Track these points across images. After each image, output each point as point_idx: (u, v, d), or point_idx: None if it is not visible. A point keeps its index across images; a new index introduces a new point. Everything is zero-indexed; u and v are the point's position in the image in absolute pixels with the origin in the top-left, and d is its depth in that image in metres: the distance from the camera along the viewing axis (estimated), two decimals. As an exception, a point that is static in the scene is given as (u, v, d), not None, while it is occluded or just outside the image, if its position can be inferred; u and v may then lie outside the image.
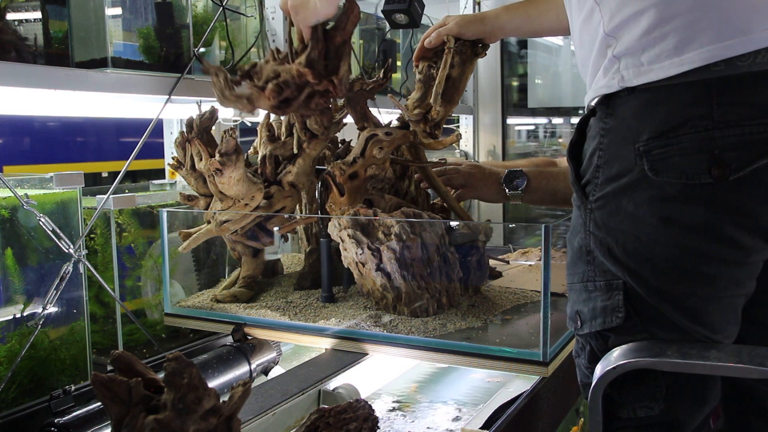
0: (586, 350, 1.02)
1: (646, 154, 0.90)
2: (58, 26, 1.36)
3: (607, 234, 0.96)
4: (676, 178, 0.89)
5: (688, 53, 0.88)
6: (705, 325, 0.93)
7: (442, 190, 1.64)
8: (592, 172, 0.97)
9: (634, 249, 0.93)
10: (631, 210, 0.93)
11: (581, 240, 1.00)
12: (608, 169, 0.95)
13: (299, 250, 1.90)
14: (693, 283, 0.92)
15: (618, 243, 0.94)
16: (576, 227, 1.02)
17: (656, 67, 0.90)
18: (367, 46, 2.41)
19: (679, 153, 0.88)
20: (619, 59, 0.94)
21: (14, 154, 5.08)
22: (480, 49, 1.58)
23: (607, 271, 0.97)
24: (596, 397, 0.95)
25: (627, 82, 0.92)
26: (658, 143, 0.89)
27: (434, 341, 1.30)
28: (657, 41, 0.90)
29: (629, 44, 0.93)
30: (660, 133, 0.89)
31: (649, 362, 0.91)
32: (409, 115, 1.57)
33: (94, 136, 5.59)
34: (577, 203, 1.02)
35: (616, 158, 0.94)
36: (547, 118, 3.36)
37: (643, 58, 0.91)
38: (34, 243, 1.29)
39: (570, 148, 1.04)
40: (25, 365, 1.26)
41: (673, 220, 0.90)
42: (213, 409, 0.72)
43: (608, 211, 0.95)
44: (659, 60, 0.90)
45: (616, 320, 0.95)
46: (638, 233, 0.93)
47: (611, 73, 0.95)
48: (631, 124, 0.92)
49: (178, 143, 1.49)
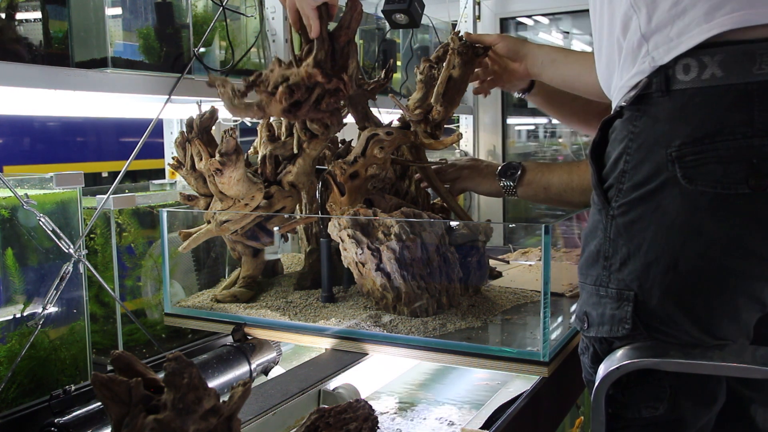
0: (590, 351, 1.02)
1: (679, 160, 0.86)
2: (58, 26, 1.36)
3: (629, 241, 0.93)
4: (710, 187, 0.85)
5: (718, 18, 0.84)
6: (716, 338, 0.92)
7: (442, 191, 1.64)
8: (617, 177, 0.94)
9: (655, 257, 0.90)
10: (658, 217, 0.89)
11: (599, 244, 0.97)
12: (635, 175, 0.91)
13: (299, 250, 1.90)
14: (712, 296, 0.90)
15: (640, 251, 0.92)
16: (594, 230, 0.99)
17: (685, 38, 0.86)
18: (367, 46, 2.41)
19: (714, 160, 0.85)
20: (648, 40, 0.90)
21: (14, 154, 5.08)
22: (481, 50, 1.58)
23: (621, 280, 0.94)
24: (599, 396, 0.95)
25: (658, 60, 0.88)
26: (692, 149, 0.85)
27: (434, 341, 1.30)
28: (686, 11, 0.86)
29: (658, 20, 0.88)
30: (695, 139, 0.85)
31: (653, 362, 0.91)
32: (410, 115, 1.57)
33: (94, 136, 5.59)
34: (597, 207, 0.98)
35: (645, 163, 0.90)
36: (547, 118, 3.36)
37: (672, 33, 0.87)
38: (34, 243, 1.28)
39: (593, 149, 1.00)
40: (25, 365, 1.26)
41: (703, 231, 0.87)
42: (213, 409, 0.72)
43: (632, 218, 0.92)
44: (688, 30, 0.86)
45: (623, 331, 0.94)
46: (663, 242, 0.90)
47: (640, 57, 0.91)
48: (663, 128, 0.88)
49: (179, 143, 1.49)
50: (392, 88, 2.43)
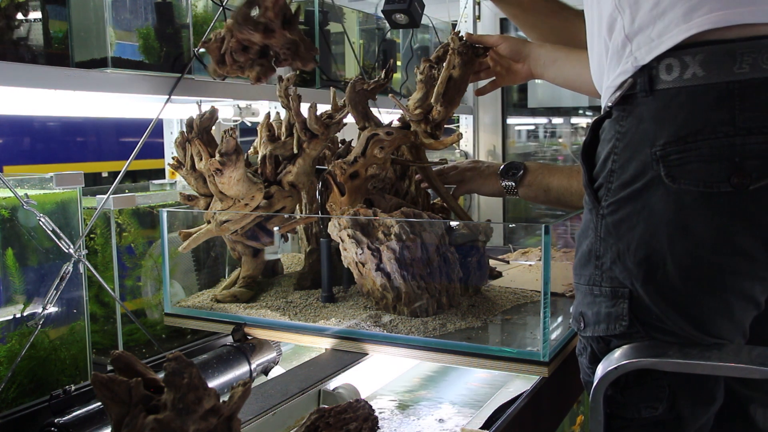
0: (588, 351, 1.02)
1: (663, 159, 0.87)
2: (58, 26, 1.36)
3: (618, 240, 0.94)
4: (693, 186, 0.86)
5: (696, 19, 0.85)
6: (712, 336, 0.92)
7: (442, 191, 1.64)
8: (606, 176, 0.95)
9: (645, 256, 0.91)
10: (645, 216, 0.90)
11: (590, 243, 0.98)
12: (622, 174, 0.92)
13: (299, 250, 1.90)
14: (704, 294, 0.90)
15: (629, 250, 0.92)
16: (586, 230, 1.00)
17: (666, 38, 0.87)
18: (367, 46, 2.41)
19: (697, 159, 0.85)
20: (631, 40, 0.91)
21: (14, 154, 5.08)
22: (481, 50, 1.58)
23: (614, 278, 0.95)
24: (597, 396, 0.95)
25: (640, 60, 0.89)
26: (675, 148, 0.86)
27: (434, 341, 1.30)
28: (666, 12, 0.87)
29: (640, 21, 0.90)
30: (678, 138, 0.86)
31: (651, 362, 0.91)
32: (410, 115, 1.57)
33: (94, 136, 5.59)
34: (588, 206, 1.00)
35: (631, 163, 0.91)
36: (547, 118, 3.36)
37: (653, 34, 0.88)
38: (34, 243, 1.28)
39: (583, 150, 1.01)
40: (25, 365, 1.26)
41: (688, 229, 0.88)
42: (213, 409, 0.72)
43: (620, 217, 0.93)
44: (668, 30, 0.87)
45: (620, 328, 0.94)
46: (651, 240, 0.90)
47: (624, 58, 0.92)
48: (648, 128, 0.90)
49: (179, 143, 1.49)
50: (392, 88, 2.43)
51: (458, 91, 1.58)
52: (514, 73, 1.57)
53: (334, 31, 2.12)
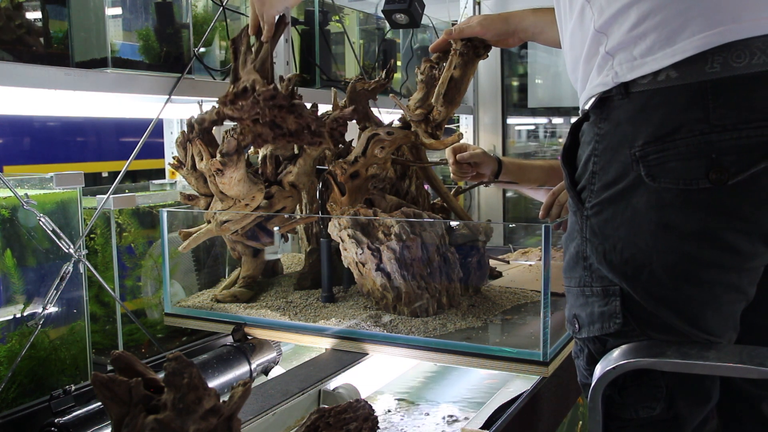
0: (585, 353, 1.02)
1: (642, 159, 0.89)
2: (58, 26, 1.36)
3: (604, 241, 0.95)
4: (673, 184, 0.88)
5: (680, 43, 0.86)
6: (703, 330, 0.93)
7: (442, 191, 1.65)
8: (588, 179, 0.96)
9: (631, 255, 0.92)
10: (628, 216, 0.92)
11: (577, 246, 0.99)
12: (604, 176, 0.94)
13: (299, 250, 1.90)
14: (691, 289, 0.91)
15: (615, 250, 0.94)
16: (572, 232, 1.02)
17: (649, 60, 0.88)
18: (367, 46, 2.41)
19: (675, 158, 0.87)
20: (613, 56, 0.92)
21: (14, 154, 5.08)
22: (482, 50, 1.58)
23: (603, 277, 0.96)
24: (596, 397, 0.95)
25: (621, 77, 0.91)
26: (654, 148, 0.88)
27: (434, 341, 1.30)
28: (647, 33, 0.89)
29: (620, 39, 0.91)
30: (656, 138, 0.88)
31: (649, 362, 0.91)
32: (410, 115, 1.57)
33: (94, 136, 5.59)
34: (572, 209, 1.01)
35: (612, 164, 0.93)
36: (547, 118, 3.37)
37: (635, 52, 0.90)
38: (34, 243, 1.28)
39: (564, 153, 1.03)
40: (25, 365, 1.26)
41: (671, 227, 0.89)
42: (213, 409, 0.72)
43: (604, 218, 0.94)
44: (652, 52, 0.88)
45: (614, 326, 0.95)
46: (635, 239, 0.92)
47: (605, 70, 0.93)
48: (626, 129, 0.91)
49: (179, 143, 1.49)
50: (393, 88, 2.43)
51: (459, 92, 1.58)
52: (505, 45, 1.62)
53: (334, 31, 2.12)
